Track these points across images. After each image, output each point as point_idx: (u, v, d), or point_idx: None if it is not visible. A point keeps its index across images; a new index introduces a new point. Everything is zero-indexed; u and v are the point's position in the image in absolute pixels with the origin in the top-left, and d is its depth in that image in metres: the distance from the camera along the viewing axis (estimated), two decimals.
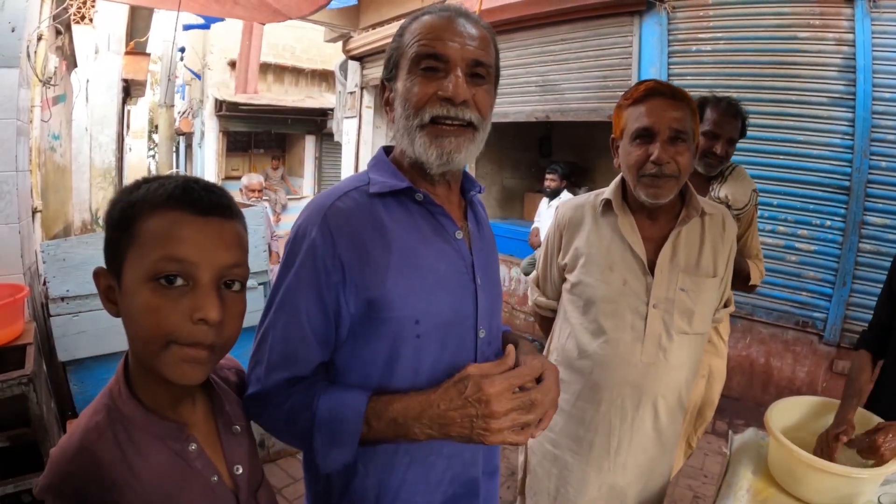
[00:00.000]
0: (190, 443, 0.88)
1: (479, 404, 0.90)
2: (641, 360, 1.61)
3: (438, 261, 1.06)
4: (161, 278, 0.78)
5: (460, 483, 1.13)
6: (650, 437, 1.68)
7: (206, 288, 0.80)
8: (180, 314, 0.78)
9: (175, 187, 0.82)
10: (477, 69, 1.02)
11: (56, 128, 5.21)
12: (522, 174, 7.88)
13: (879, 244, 3.80)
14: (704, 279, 1.62)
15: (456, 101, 0.99)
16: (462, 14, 1.05)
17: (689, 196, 1.63)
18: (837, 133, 3.89)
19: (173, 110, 16.20)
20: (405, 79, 1.03)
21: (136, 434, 0.83)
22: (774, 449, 1.59)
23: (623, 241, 1.63)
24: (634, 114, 1.56)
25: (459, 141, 1.02)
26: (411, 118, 1.01)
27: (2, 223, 2.73)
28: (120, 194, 0.84)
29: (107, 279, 0.84)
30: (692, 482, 3.30)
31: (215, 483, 0.89)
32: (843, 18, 3.79)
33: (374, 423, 0.96)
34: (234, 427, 0.97)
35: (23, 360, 2.36)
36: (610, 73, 5.07)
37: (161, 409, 0.87)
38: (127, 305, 0.80)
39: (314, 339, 1.02)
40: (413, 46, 1.02)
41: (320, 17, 7.33)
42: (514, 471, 3.30)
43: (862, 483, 1.43)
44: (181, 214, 0.80)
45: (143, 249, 0.79)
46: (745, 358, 4.37)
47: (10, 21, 2.73)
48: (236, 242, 0.86)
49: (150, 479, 0.82)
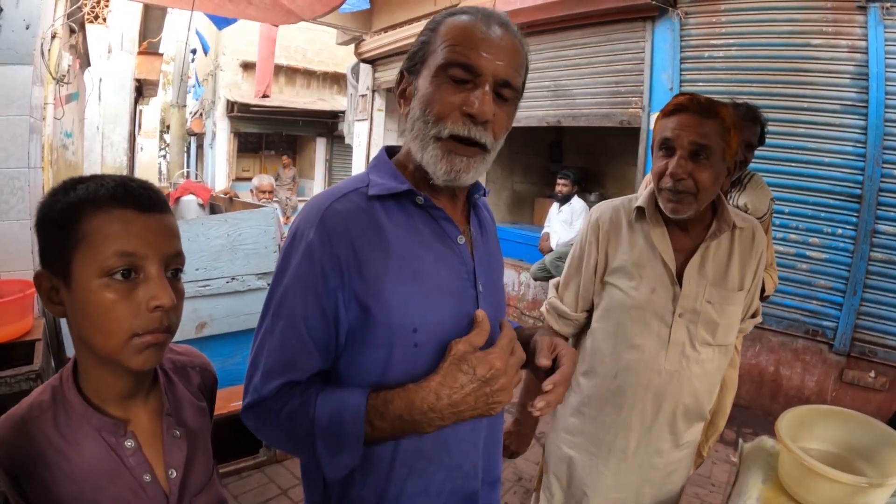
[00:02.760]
0: (127, 439, 0.90)
1: (493, 381, 0.90)
2: (665, 367, 1.61)
3: (439, 266, 1.03)
4: (115, 273, 0.82)
5: (461, 496, 1.11)
6: (667, 441, 1.68)
7: (157, 277, 0.85)
8: (136, 306, 0.83)
9: (115, 186, 0.85)
10: (504, 90, 0.98)
11: (68, 126, 5.25)
12: (533, 179, 7.88)
13: (891, 253, 3.76)
14: (731, 293, 1.61)
15: (479, 120, 0.95)
16: (503, 24, 1.00)
17: (721, 209, 1.62)
18: (849, 140, 3.86)
19: (185, 111, 16.31)
20: (430, 80, 0.98)
21: (75, 421, 0.87)
22: (785, 457, 1.58)
23: (654, 249, 1.62)
24: (663, 126, 1.55)
25: (470, 162, 0.99)
26: (429, 126, 0.97)
27: (13, 219, 2.76)
28: (53, 195, 0.86)
29: (49, 281, 0.86)
30: (700, 490, 3.27)
31: (147, 482, 0.90)
32: (856, 25, 3.77)
33: (378, 422, 0.92)
34: (175, 431, 0.97)
35: (32, 355, 2.38)
36: (622, 79, 5.07)
37: (104, 405, 0.90)
38: (81, 303, 0.83)
39: (313, 345, 0.98)
40: (445, 49, 0.97)
41: (333, 20, 7.35)
42: (521, 477, 3.29)
43: (873, 492, 1.41)
44: (126, 212, 0.84)
45: (92, 247, 0.82)
46: (754, 366, 4.34)
47: (24, 18, 2.76)
48: (175, 234, 0.91)
49: (80, 466, 0.85)
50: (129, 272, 0.83)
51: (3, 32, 2.72)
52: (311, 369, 0.99)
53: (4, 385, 2.14)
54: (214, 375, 1.15)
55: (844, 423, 1.63)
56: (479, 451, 1.14)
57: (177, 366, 1.06)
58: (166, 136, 19.03)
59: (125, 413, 0.92)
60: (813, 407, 1.76)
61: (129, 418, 0.92)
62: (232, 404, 2.99)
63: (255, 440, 3.19)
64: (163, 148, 19.64)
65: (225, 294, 3.50)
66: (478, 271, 1.08)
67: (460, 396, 0.90)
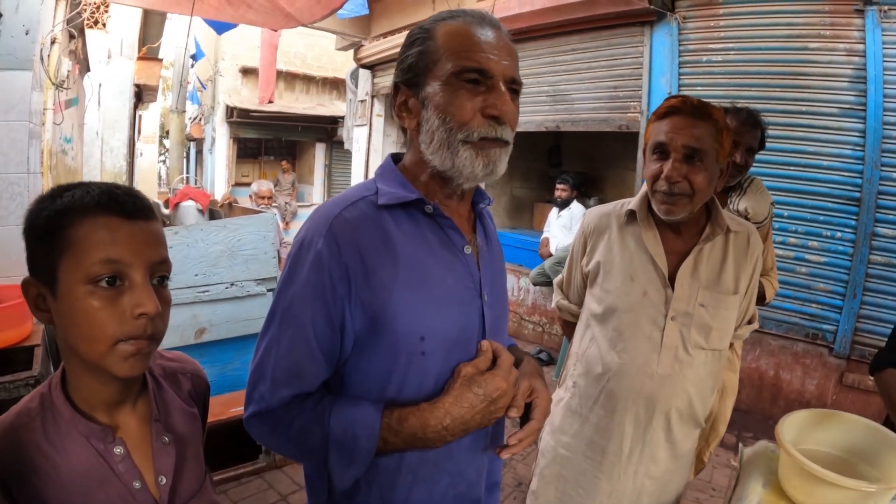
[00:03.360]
0: (116, 446, 0.90)
1: (500, 399, 0.98)
2: (658, 371, 1.61)
3: (446, 275, 1.04)
4: (101, 280, 0.82)
5: (464, 502, 1.12)
6: (664, 449, 1.68)
7: (142, 285, 0.85)
8: (121, 313, 0.83)
9: (101, 194, 0.85)
10: (512, 86, 1.02)
11: (68, 131, 5.25)
12: (532, 184, 7.88)
13: (890, 256, 3.76)
14: (725, 296, 1.61)
15: (504, 121, 0.99)
16: (494, 24, 1.03)
17: (715, 213, 1.62)
18: (848, 144, 3.87)
19: (184, 116, 16.34)
20: (443, 89, 0.98)
21: (64, 427, 0.87)
22: (785, 461, 1.57)
23: (646, 252, 1.63)
24: (656, 129, 1.56)
25: (500, 153, 1.02)
26: (454, 132, 0.98)
27: (13, 224, 2.76)
28: (40, 203, 0.86)
29: (36, 288, 0.87)
30: (700, 495, 3.27)
31: (137, 489, 0.90)
32: (854, 29, 3.77)
33: (391, 439, 0.95)
34: (164, 437, 0.97)
35: (31, 361, 2.38)
36: (620, 84, 5.07)
37: (92, 411, 0.90)
38: (67, 310, 0.84)
39: (321, 354, 0.99)
40: (453, 57, 0.98)
41: (332, 26, 7.36)
42: (521, 481, 3.28)
43: (874, 497, 1.41)
44: (111, 219, 0.84)
45: (78, 255, 0.82)
46: (754, 370, 4.34)
47: (24, 24, 2.76)
48: (161, 241, 0.91)
49: (68, 473, 0.85)
50: (115, 279, 0.84)
51: (3, 38, 2.73)
52: (319, 378, 1.01)
53: (3, 390, 2.13)
54: (206, 382, 1.15)
55: (845, 426, 1.63)
56: (483, 457, 1.15)
57: (167, 372, 1.06)
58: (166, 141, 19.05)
59: (113, 420, 0.92)
60: (813, 411, 1.76)
61: (118, 425, 0.92)
62: (231, 410, 2.99)
63: (255, 446, 3.17)
64: (162, 153, 19.64)
65: (224, 300, 3.50)
66: (483, 280, 1.09)
67: (470, 414, 0.96)
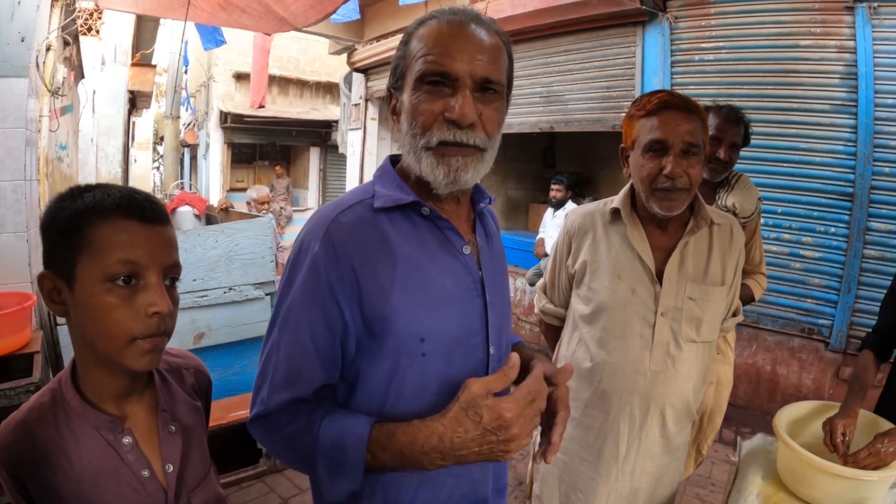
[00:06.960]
0: (125, 436, 0.95)
1: (501, 431, 0.87)
2: (650, 368, 1.61)
3: (445, 277, 1.03)
4: (118, 279, 0.87)
5: (469, 502, 1.11)
6: (658, 445, 1.68)
7: (156, 286, 0.91)
8: (136, 311, 0.88)
9: (122, 197, 0.90)
10: (487, 86, 0.97)
11: (63, 138, 5.25)
12: (527, 185, 7.91)
13: (884, 250, 3.79)
14: (712, 288, 1.62)
15: (462, 125, 0.94)
16: (474, 19, 0.99)
17: (699, 206, 1.63)
18: (840, 140, 3.90)
19: (179, 122, 16.25)
20: (411, 93, 0.98)
21: (74, 420, 0.92)
22: (783, 453, 1.59)
23: (632, 249, 1.63)
24: (647, 125, 1.54)
25: (467, 161, 0.97)
26: (418, 137, 0.97)
27: (10, 232, 2.76)
28: (60, 201, 0.90)
29: (52, 282, 0.91)
30: (700, 490, 3.28)
31: (146, 477, 0.95)
32: (844, 26, 3.80)
33: (379, 454, 0.92)
34: (170, 427, 1.01)
35: (30, 367, 2.38)
36: (613, 84, 5.10)
37: (102, 403, 0.95)
38: (84, 305, 0.88)
39: (318, 358, 0.98)
40: (419, 60, 0.96)
41: (325, 30, 7.38)
42: (522, 481, 3.29)
43: (872, 486, 1.43)
44: (130, 223, 0.89)
45: (98, 254, 0.87)
46: (751, 366, 4.36)
47: (19, 31, 2.76)
48: (174, 245, 0.97)
49: (80, 464, 0.90)
50: (130, 279, 0.88)
51: None
52: (316, 382, 0.99)
53: (4, 397, 2.13)
54: (208, 377, 1.19)
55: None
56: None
57: (171, 366, 1.11)
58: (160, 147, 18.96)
59: (122, 411, 0.97)
60: (809, 403, 1.78)
61: (126, 415, 0.97)
62: (232, 414, 2.99)
63: (256, 450, 3.18)
64: (157, 159, 19.57)
65: (222, 304, 3.51)
66: (485, 280, 1.08)
67: (463, 442, 0.88)
